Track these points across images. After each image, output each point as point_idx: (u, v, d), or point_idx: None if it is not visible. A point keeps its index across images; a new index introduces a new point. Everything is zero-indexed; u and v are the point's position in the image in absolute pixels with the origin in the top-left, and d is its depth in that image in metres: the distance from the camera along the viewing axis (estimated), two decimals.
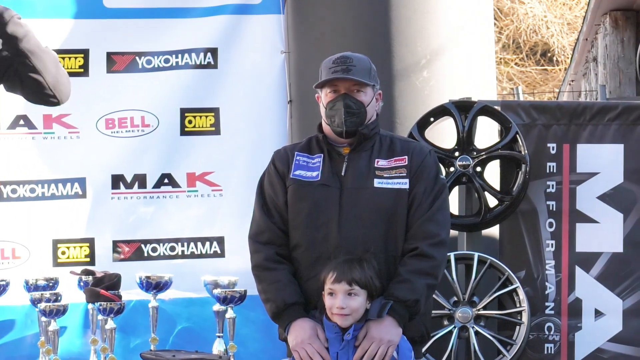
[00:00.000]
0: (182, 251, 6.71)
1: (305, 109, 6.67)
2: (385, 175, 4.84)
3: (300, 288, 4.77)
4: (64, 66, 6.24)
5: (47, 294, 5.87)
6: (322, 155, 4.86)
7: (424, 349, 5.32)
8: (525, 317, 6.07)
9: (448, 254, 5.65)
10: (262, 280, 4.78)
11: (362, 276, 4.59)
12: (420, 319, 4.77)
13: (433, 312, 5.48)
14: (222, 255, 6.68)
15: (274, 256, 4.82)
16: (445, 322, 6.06)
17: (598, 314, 6.48)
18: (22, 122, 6.67)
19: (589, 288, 6.49)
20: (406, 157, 4.86)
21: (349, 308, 4.51)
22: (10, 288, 6.04)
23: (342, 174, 4.79)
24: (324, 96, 4.79)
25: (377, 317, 4.62)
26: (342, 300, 4.52)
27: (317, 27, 6.94)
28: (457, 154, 6.19)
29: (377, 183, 4.82)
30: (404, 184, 4.79)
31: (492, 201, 6.30)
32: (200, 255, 6.73)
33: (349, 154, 4.80)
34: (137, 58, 6.86)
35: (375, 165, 4.82)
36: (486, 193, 6.23)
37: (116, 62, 6.82)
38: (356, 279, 4.55)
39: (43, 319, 5.71)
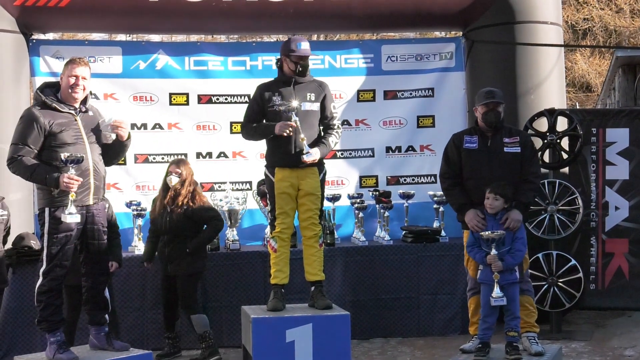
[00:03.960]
0: (422, 180, 9.23)
1: (472, 115, 7.68)
2: (509, 145, 6.20)
3: (469, 198, 6.12)
4: (363, 94, 8.94)
5: None
6: (477, 136, 6.20)
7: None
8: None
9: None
10: (448, 196, 6.35)
11: (501, 191, 6.02)
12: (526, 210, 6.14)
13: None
14: (435, 182, 8.92)
15: (453, 183, 6.30)
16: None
17: None
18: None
19: None
20: (518, 137, 6.28)
21: (495, 205, 6.05)
22: None
23: (488, 145, 6.16)
24: (480, 109, 6.20)
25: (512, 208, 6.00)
26: (491, 201, 6.08)
27: (479, 76, 8.92)
28: (548, 134, 8.26)
29: (505, 149, 6.20)
30: (517, 149, 6.21)
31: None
32: (427, 182, 9.24)
33: (491, 136, 6.14)
34: (397, 93, 9.33)
35: (504, 141, 6.19)
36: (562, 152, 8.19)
37: (388, 94, 9.39)
38: (499, 192, 6.01)
39: None
